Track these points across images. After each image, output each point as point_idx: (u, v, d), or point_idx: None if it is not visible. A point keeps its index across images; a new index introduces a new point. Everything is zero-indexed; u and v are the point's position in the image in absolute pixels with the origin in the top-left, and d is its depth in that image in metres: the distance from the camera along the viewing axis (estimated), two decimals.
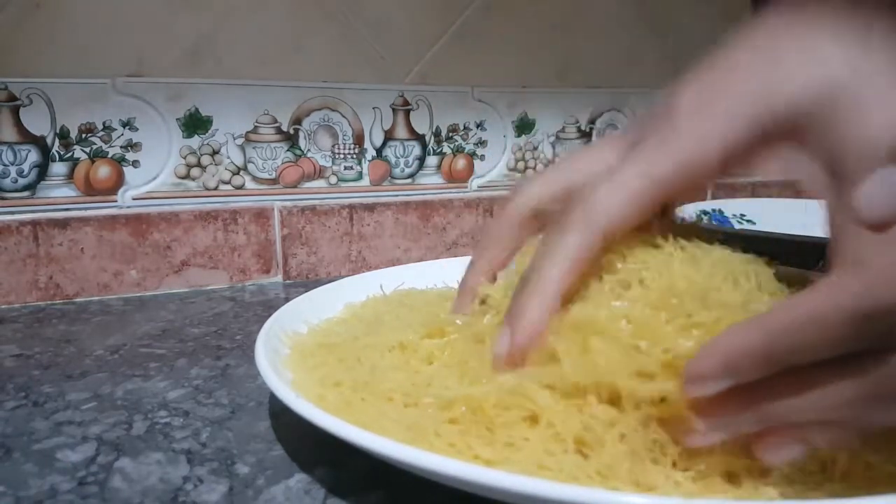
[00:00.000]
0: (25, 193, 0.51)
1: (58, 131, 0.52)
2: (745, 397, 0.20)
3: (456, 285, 0.32)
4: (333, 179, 0.61)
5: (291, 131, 0.59)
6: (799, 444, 0.20)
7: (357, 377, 0.28)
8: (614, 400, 0.22)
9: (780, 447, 0.20)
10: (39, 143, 0.51)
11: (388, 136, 0.63)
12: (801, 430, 0.20)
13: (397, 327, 0.31)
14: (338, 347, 0.31)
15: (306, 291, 0.40)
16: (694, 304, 0.22)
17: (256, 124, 0.58)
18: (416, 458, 0.20)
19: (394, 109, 0.63)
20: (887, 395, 0.18)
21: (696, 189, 0.24)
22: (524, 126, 0.69)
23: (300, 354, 0.31)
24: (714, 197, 0.81)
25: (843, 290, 0.18)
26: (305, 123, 0.59)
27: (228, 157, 0.57)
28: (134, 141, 0.54)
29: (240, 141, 0.57)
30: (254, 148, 0.58)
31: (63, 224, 0.53)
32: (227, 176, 0.57)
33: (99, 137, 0.53)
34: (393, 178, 0.64)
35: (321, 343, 0.33)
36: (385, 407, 0.25)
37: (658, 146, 0.23)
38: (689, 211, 0.68)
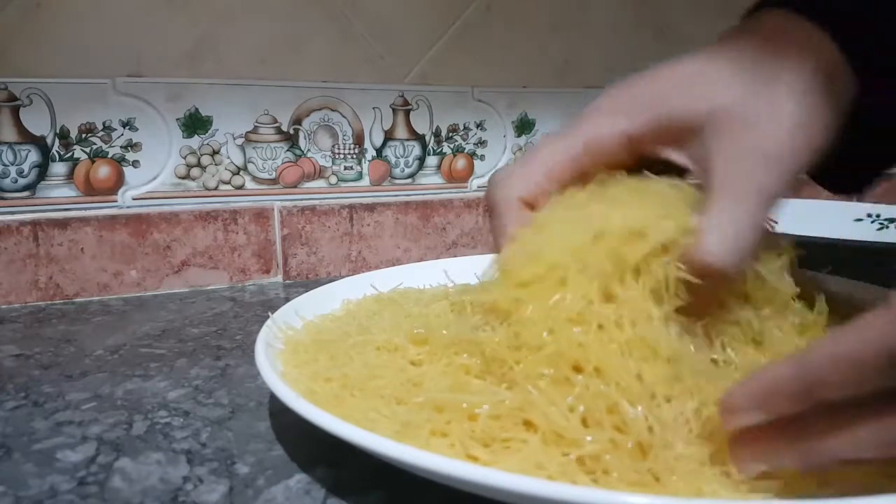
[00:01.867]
0: (25, 193, 0.51)
1: (58, 131, 0.52)
2: (791, 435, 0.20)
3: (455, 285, 0.32)
4: (333, 179, 0.61)
5: (291, 131, 0.59)
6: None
7: (347, 373, 0.28)
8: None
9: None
10: (39, 143, 0.51)
11: (388, 136, 0.63)
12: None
13: (387, 327, 0.31)
14: (329, 344, 0.31)
15: (306, 291, 0.40)
16: None
17: (256, 124, 0.58)
18: (418, 458, 0.20)
19: (394, 109, 0.63)
20: None
21: (609, 159, 0.28)
22: (524, 126, 0.69)
23: (293, 350, 0.32)
24: None
25: (875, 331, 0.18)
26: (305, 123, 0.59)
27: (228, 157, 0.57)
28: (134, 141, 0.54)
29: (240, 141, 0.57)
30: (254, 148, 0.58)
31: (63, 224, 0.53)
32: (227, 176, 0.57)
33: (99, 137, 0.53)
34: (393, 178, 0.64)
35: (314, 339, 0.33)
36: (376, 403, 0.25)
37: (573, 127, 0.29)
38: None
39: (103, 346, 0.42)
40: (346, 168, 0.62)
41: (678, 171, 0.28)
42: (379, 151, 0.63)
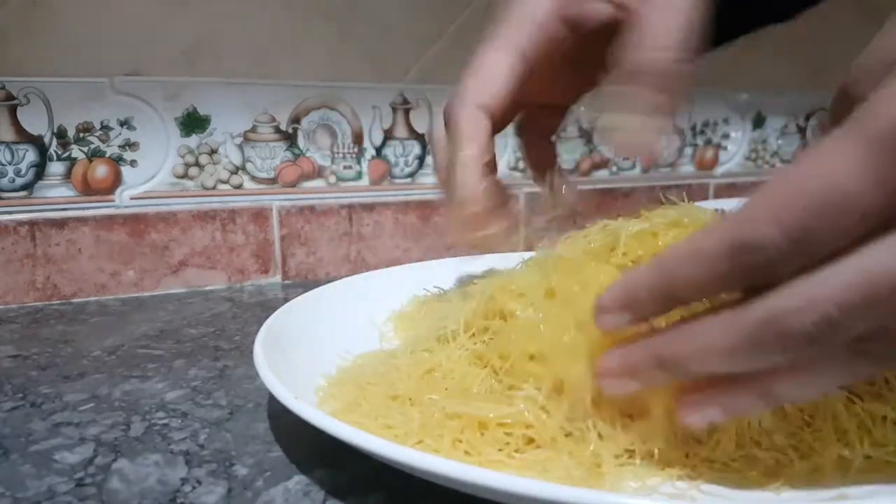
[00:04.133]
0: (23, 193, 0.51)
1: (55, 131, 0.51)
2: (647, 340, 0.21)
3: (455, 286, 0.32)
4: (332, 179, 0.61)
5: (290, 130, 0.59)
6: (712, 405, 0.20)
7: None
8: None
9: (694, 407, 0.21)
10: (37, 142, 0.51)
11: (388, 136, 0.63)
12: (714, 392, 0.20)
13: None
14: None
15: (305, 292, 0.40)
16: None
17: (255, 123, 0.58)
18: (417, 460, 0.20)
19: (393, 108, 0.62)
20: (770, 341, 0.18)
21: (552, 42, 0.29)
22: None
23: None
24: (716, 196, 0.81)
25: (723, 225, 0.18)
26: (304, 123, 0.59)
27: (227, 157, 0.57)
28: (132, 140, 0.54)
29: (238, 140, 0.57)
30: (252, 147, 0.58)
31: (60, 224, 0.52)
32: (225, 175, 0.57)
33: (97, 137, 0.53)
34: (392, 177, 0.64)
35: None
36: (389, 405, 0.26)
37: (505, 21, 0.31)
38: None
39: (101, 346, 0.42)
40: (345, 167, 0.62)
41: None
42: (378, 151, 0.63)
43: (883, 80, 0.17)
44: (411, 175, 0.64)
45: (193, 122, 0.55)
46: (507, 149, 0.69)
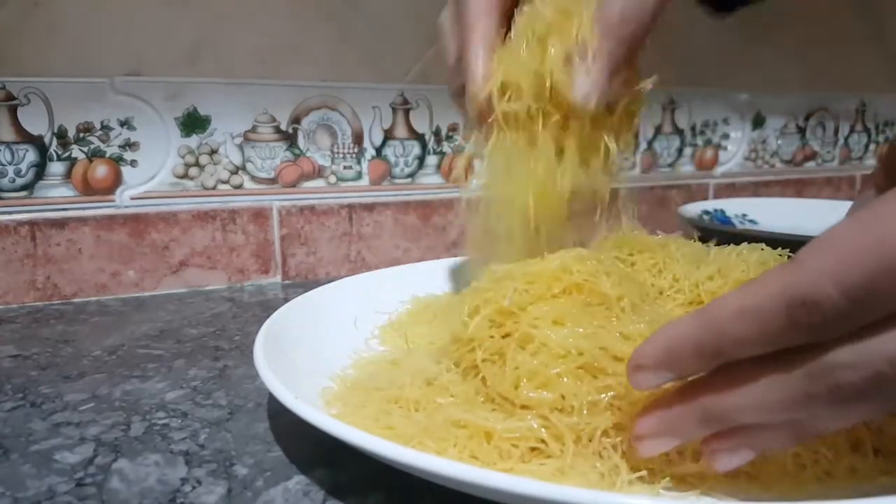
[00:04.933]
0: (23, 193, 0.51)
1: (56, 131, 0.51)
2: (690, 397, 0.20)
3: (455, 287, 0.32)
4: (332, 179, 0.61)
5: (290, 131, 0.59)
6: (746, 449, 0.20)
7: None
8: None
9: (727, 453, 0.20)
10: (37, 142, 0.51)
11: (388, 136, 0.63)
12: (745, 434, 0.20)
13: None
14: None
15: (305, 292, 0.40)
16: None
17: (255, 123, 0.58)
18: (417, 460, 0.20)
19: (393, 108, 0.62)
20: (821, 394, 0.18)
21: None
22: None
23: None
24: (716, 196, 0.81)
25: (774, 281, 0.18)
26: (304, 123, 0.59)
27: (227, 157, 0.57)
28: (132, 140, 0.54)
29: (238, 140, 0.57)
30: (252, 147, 0.58)
31: (61, 224, 0.52)
32: (225, 175, 0.57)
33: (97, 137, 0.53)
34: (392, 177, 0.64)
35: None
36: (393, 408, 0.26)
37: None
38: (691, 211, 0.68)
39: (101, 346, 0.42)
40: (345, 167, 0.62)
41: None
42: (378, 151, 0.63)
43: None
44: (411, 175, 0.64)
45: (194, 123, 0.55)
46: None
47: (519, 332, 0.25)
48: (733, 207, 0.72)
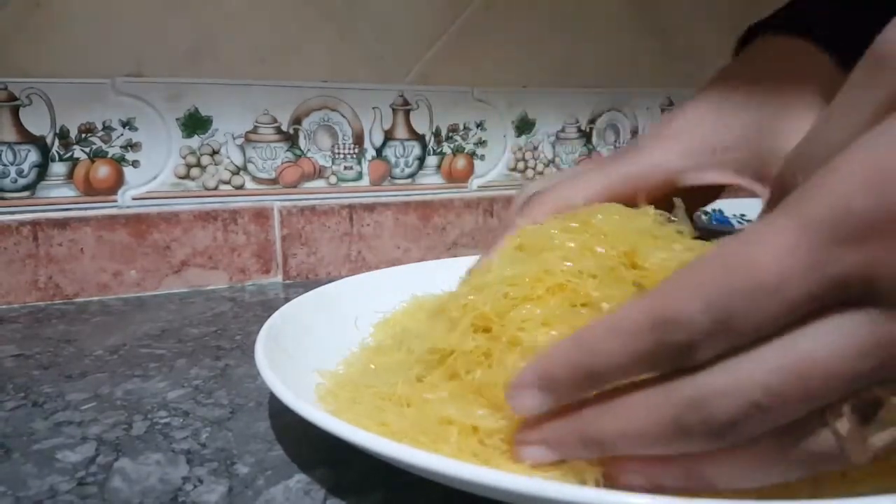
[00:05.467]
0: (25, 193, 0.51)
1: (57, 131, 0.52)
2: (571, 416, 0.19)
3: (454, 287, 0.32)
4: (333, 179, 0.61)
5: (291, 131, 0.59)
6: (641, 478, 0.19)
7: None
8: None
9: (630, 476, 0.19)
10: (39, 143, 0.51)
11: (388, 136, 0.63)
12: (641, 464, 0.19)
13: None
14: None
15: (306, 292, 0.40)
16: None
17: (256, 124, 0.58)
18: (418, 459, 0.20)
19: (394, 109, 0.63)
20: (695, 426, 0.17)
21: (650, 191, 0.30)
22: (524, 126, 0.69)
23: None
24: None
25: (646, 299, 0.17)
26: (305, 123, 0.59)
27: (228, 157, 0.57)
28: (134, 141, 0.54)
29: (239, 141, 0.57)
30: (253, 148, 0.58)
31: (62, 224, 0.52)
32: (226, 176, 0.57)
33: (98, 137, 0.53)
34: (393, 178, 0.64)
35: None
36: (385, 405, 0.26)
37: (616, 159, 0.31)
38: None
39: (103, 346, 0.42)
40: (345, 168, 0.62)
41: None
42: (379, 151, 0.63)
43: (817, 169, 0.16)
44: (411, 175, 0.64)
45: (195, 123, 0.56)
46: (506, 150, 0.69)
47: (507, 335, 0.24)
48: (732, 208, 0.72)
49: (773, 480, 0.18)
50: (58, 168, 0.52)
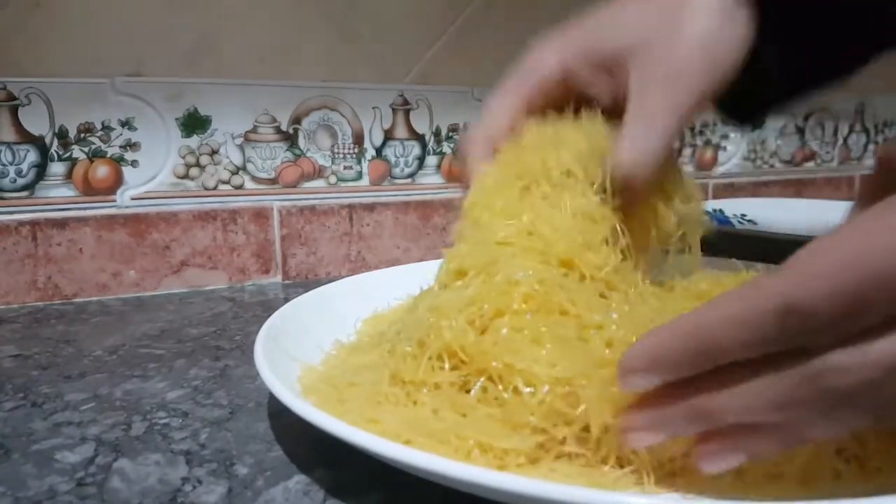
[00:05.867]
0: (24, 193, 0.51)
1: (56, 131, 0.52)
2: (678, 395, 0.20)
3: None
4: (333, 179, 0.61)
5: (291, 131, 0.59)
6: (735, 452, 0.20)
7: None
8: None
9: (717, 455, 0.20)
10: (38, 142, 0.51)
11: (388, 136, 0.63)
12: (735, 437, 0.20)
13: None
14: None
15: (306, 292, 0.40)
16: None
17: (255, 124, 0.58)
18: (418, 459, 0.20)
19: (393, 109, 0.63)
20: (812, 397, 0.18)
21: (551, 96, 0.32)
22: None
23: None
24: (715, 196, 0.81)
25: (765, 288, 0.18)
26: (305, 123, 0.59)
27: (227, 157, 0.57)
28: (133, 141, 0.54)
29: (239, 141, 0.57)
30: (253, 148, 0.58)
31: (62, 224, 0.52)
32: (226, 176, 0.57)
33: (98, 137, 0.53)
34: (393, 177, 0.64)
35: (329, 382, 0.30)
36: (379, 403, 0.26)
37: (520, 72, 0.33)
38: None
39: (102, 346, 0.42)
40: (345, 168, 0.62)
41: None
42: (378, 151, 0.63)
43: None
44: (411, 175, 0.64)
45: (194, 123, 0.56)
46: None
47: (501, 363, 0.24)
48: (732, 207, 0.72)
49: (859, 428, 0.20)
50: (57, 168, 0.52)
